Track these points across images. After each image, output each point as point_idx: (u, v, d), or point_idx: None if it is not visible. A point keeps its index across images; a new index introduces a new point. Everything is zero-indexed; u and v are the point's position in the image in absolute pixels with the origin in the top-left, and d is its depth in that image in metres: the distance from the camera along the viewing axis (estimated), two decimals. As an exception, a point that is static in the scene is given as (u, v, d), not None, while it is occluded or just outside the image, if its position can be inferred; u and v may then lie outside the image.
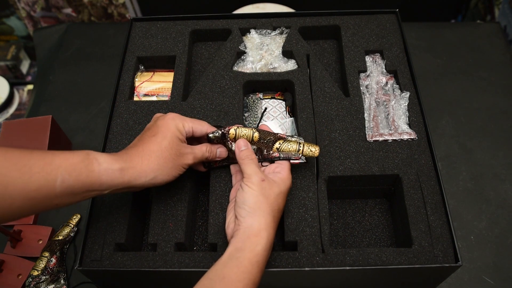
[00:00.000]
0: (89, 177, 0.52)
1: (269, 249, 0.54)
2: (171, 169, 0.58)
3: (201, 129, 0.62)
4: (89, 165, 0.52)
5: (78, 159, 0.52)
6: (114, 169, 0.53)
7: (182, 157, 0.59)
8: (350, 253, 0.61)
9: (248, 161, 0.59)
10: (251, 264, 0.51)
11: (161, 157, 0.57)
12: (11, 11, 1.60)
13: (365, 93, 0.77)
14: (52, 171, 0.49)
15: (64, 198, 0.51)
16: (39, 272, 0.71)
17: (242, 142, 0.61)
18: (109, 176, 0.53)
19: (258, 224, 0.53)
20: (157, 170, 0.56)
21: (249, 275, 0.50)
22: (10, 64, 1.68)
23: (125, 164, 0.54)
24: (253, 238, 0.52)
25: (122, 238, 0.63)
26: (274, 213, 0.56)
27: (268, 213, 0.54)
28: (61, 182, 0.50)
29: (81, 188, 0.52)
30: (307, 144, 0.63)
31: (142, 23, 0.87)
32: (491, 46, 1.02)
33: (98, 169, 0.52)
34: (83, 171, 0.51)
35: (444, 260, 0.60)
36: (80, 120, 0.94)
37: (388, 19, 0.85)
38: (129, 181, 0.55)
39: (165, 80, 0.83)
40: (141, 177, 0.55)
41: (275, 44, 0.83)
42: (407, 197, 0.65)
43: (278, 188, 0.57)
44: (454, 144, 0.87)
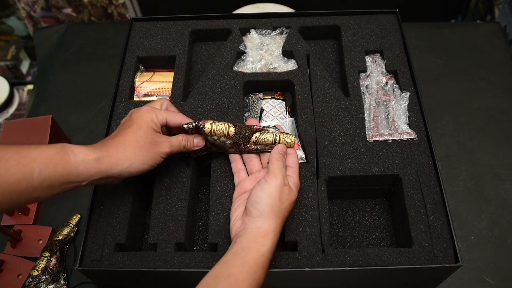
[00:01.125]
0: (66, 168, 0.52)
1: (273, 251, 0.54)
2: (147, 157, 0.58)
3: (175, 120, 0.63)
4: (64, 156, 0.53)
5: (53, 151, 0.52)
6: (90, 159, 0.54)
7: (158, 145, 0.59)
8: (350, 253, 0.61)
9: (280, 163, 0.59)
10: (256, 264, 0.51)
11: (136, 146, 0.57)
12: (11, 11, 1.60)
13: (365, 93, 0.77)
14: (28, 163, 0.50)
15: (43, 191, 0.52)
16: (39, 272, 0.71)
17: (281, 148, 0.62)
18: (85, 166, 0.54)
19: (268, 226, 0.53)
20: (133, 158, 0.57)
21: (253, 275, 0.50)
22: (10, 64, 1.68)
23: (100, 154, 0.55)
24: (260, 239, 0.53)
25: (122, 238, 0.63)
26: (284, 218, 0.56)
27: (279, 217, 0.55)
28: (38, 174, 0.50)
29: (59, 180, 0.52)
30: (283, 134, 0.64)
31: (142, 23, 0.87)
32: (491, 46, 1.02)
33: (74, 160, 0.53)
34: (59, 162, 0.52)
35: (444, 260, 0.60)
36: (80, 120, 0.94)
37: (388, 19, 0.85)
38: (106, 170, 0.55)
39: (165, 80, 0.83)
40: (117, 165, 0.56)
41: (275, 44, 0.83)
42: (407, 197, 0.65)
43: (294, 196, 0.58)
44: (454, 144, 0.87)
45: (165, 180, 0.68)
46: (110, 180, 0.58)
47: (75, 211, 0.80)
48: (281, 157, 0.60)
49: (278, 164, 0.58)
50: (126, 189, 0.67)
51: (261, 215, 0.54)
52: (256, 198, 0.55)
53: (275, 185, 0.56)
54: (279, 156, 0.60)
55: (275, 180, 0.56)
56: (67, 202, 0.82)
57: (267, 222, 0.54)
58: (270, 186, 0.55)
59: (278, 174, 0.57)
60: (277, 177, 0.56)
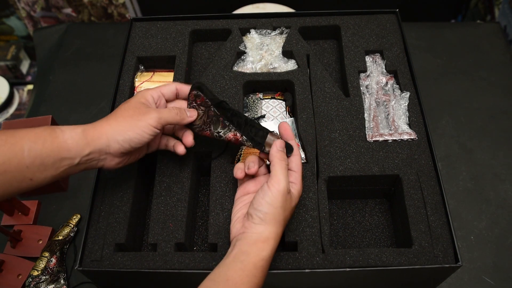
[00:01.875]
0: (54, 143, 0.52)
1: (273, 255, 0.54)
2: (134, 125, 0.56)
3: (170, 89, 0.63)
4: (52, 132, 0.53)
5: (40, 129, 0.53)
6: (77, 132, 0.54)
7: (146, 115, 0.57)
8: (350, 254, 0.61)
9: (283, 164, 0.56)
10: (256, 268, 0.51)
11: (121, 117, 0.57)
12: (11, 11, 1.60)
13: (365, 93, 0.77)
14: (16, 142, 0.50)
15: (36, 170, 0.51)
16: (39, 272, 0.71)
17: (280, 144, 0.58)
18: (73, 139, 0.53)
19: (269, 232, 0.53)
20: (117, 126, 0.56)
21: (253, 279, 0.50)
22: (10, 64, 1.68)
23: (86, 127, 0.55)
24: (260, 244, 0.52)
25: (122, 238, 0.63)
26: (285, 224, 0.56)
27: (280, 224, 0.54)
28: (28, 152, 0.50)
29: (50, 157, 0.52)
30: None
31: (142, 23, 0.87)
32: (491, 46, 1.02)
33: (62, 135, 0.53)
34: (47, 138, 0.52)
35: (444, 260, 0.60)
36: (80, 120, 0.94)
37: (388, 19, 0.85)
38: (93, 141, 0.55)
39: (165, 80, 0.83)
40: (102, 134, 0.55)
41: (275, 44, 0.83)
42: (407, 197, 0.65)
43: (295, 202, 0.57)
44: (454, 144, 0.87)
45: (165, 180, 0.68)
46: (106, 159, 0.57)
47: (75, 211, 0.80)
48: (282, 156, 0.56)
49: (281, 166, 0.55)
50: (126, 189, 0.67)
51: (262, 222, 0.53)
52: (258, 206, 0.54)
53: (277, 193, 0.53)
54: (280, 156, 0.56)
55: (278, 187, 0.54)
56: (67, 202, 0.83)
57: (269, 228, 0.53)
58: (272, 194, 0.53)
59: (281, 180, 0.54)
60: (280, 183, 0.54)
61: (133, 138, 0.56)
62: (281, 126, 0.61)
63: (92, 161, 0.56)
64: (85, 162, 0.55)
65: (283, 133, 0.60)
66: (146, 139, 0.58)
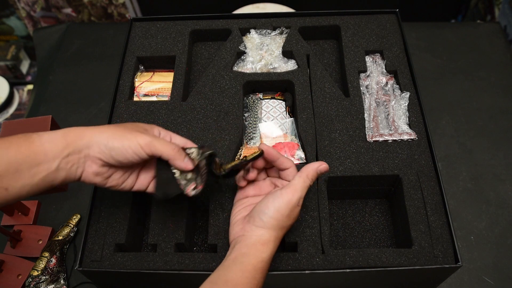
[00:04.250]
0: (31, 148, 0.49)
1: (272, 257, 0.54)
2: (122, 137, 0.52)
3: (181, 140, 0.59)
4: (27, 138, 0.50)
5: (14, 136, 0.50)
6: (57, 134, 0.51)
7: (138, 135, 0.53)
8: (350, 254, 0.61)
9: (307, 182, 0.55)
10: (255, 269, 0.51)
11: (113, 127, 0.54)
12: (11, 11, 1.60)
13: (365, 93, 0.77)
14: None
15: (11, 179, 0.48)
16: (39, 272, 0.71)
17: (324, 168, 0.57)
18: (52, 142, 0.50)
19: (269, 236, 0.53)
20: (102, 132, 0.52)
21: (252, 280, 0.50)
22: (10, 64, 1.68)
23: (68, 129, 0.52)
24: (260, 247, 0.52)
25: (122, 238, 0.63)
26: (287, 230, 0.56)
27: (282, 230, 0.54)
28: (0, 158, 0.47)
29: (25, 162, 0.48)
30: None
31: (142, 23, 0.87)
32: (491, 46, 1.02)
33: (38, 139, 0.50)
34: (22, 143, 0.49)
35: (444, 260, 0.60)
36: (80, 120, 0.94)
37: (388, 19, 0.85)
38: (73, 142, 0.51)
39: (165, 80, 0.83)
40: (84, 136, 0.51)
41: (275, 44, 0.83)
42: (407, 198, 0.65)
43: (298, 210, 0.56)
44: (454, 144, 0.87)
45: (165, 180, 0.68)
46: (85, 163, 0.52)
47: (75, 211, 0.80)
48: (314, 176, 0.56)
49: (304, 182, 0.55)
50: (126, 189, 0.67)
51: (264, 225, 0.53)
52: (264, 209, 0.53)
53: (288, 202, 0.53)
54: (312, 175, 0.56)
55: (291, 197, 0.53)
56: (67, 202, 0.83)
57: (269, 232, 0.53)
58: (283, 201, 0.53)
59: (297, 191, 0.54)
60: (295, 195, 0.53)
61: (116, 148, 0.52)
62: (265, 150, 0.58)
63: (71, 166, 0.51)
64: (64, 168, 0.51)
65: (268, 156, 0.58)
66: (130, 156, 0.52)
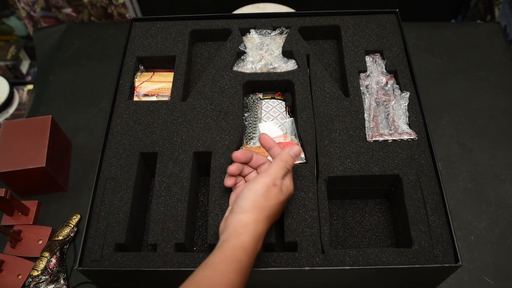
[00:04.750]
0: None
1: (257, 242, 0.53)
2: None
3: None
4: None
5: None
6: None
7: None
8: (350, 254, 0.61)
9: (281, 164, 0.58)
10: (236, 248, 0.50)
11: None
12: (11, 11, 1.60)
13: (365, 93, 0.77)
14: None
15: None
16: (39, 272, 0.71)
17: (296, 151, 0.60)
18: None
19: (248, 219, 0.53)
20: None
21: (232, 257, 0.50)
22: (10, 64, 1.68)
23: None
24: (240, 229, 0.53)
25: (122, 238, 0.63)
26: (270, 217, 0.56)
27: (261, 211, 0.54)
28: None
29: None
30: None
31: (142, 23, 0.87)
32: (491, 46, 1.02)
33: None
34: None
35: (444, 260, 0.60)
36: (80, 120, 0.94)
37: (388, 19, 0.85)
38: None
39: (165, 80, 0.83)
40: None
41: (275, 44, 0.83)
42: (407, 197, 0.65)
43: (283, 197, 0.57)
44: (454, 144, 0.87)
45: (165, 180, 0.68)
46: None
47: (75, 211, 0.80)
48: (288, 159, 0.59)
49: (278, 165, 0.58)
50: (126, 189, 0.67)
51: (241, 210, 0.54)
52: (241, 195, 0.55)
53: (262, 183, 0.55)
54: (286, 158, 0.58)
55: (265, 179, 0.56)
56: (67, 202, 0.82)
57: (247, 215, 0.53)
58: (257, 183, 0.55)
59: (270, 173, 0.56)
60: (268, 176, 0.56)
61: None
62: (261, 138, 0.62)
63: None
64: None
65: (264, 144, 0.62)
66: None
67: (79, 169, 0.86)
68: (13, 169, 0.74)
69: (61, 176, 0.82)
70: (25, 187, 0.80)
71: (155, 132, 0.73)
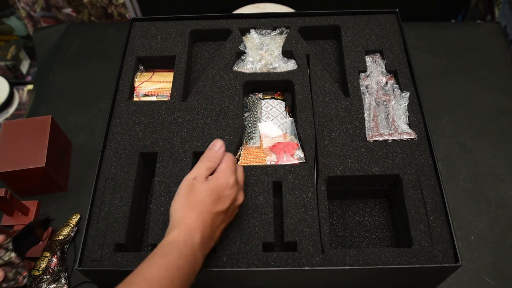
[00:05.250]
0: None
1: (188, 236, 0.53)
2: None
3: None
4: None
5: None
6: None
7: None
8: (350, 254, 0.61)
9: (203, 159, 0.60)
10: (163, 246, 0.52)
11: None
12: (11, 11, 1.60)
13: (365, 93, 0.77)
14: None
15: None
16: (40, 272, 0.71)
17: (215, 143, 0.62)
18: None
19: (172, 223, 0.55)
20: None
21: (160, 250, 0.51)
22: (10, 64, 1.68)
23: None
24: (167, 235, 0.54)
25: (122, 238, 0.63)
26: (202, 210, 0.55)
27: (183, 208, 0.55)
28: None
29: None
30: None
31: (142, 23, 0.87)
32: (491, 46, 1.02)
33: None
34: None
35: (444, 260, 0.60)
36: (80, 120, 0.94)
37: (388, 19, 0.85)
38: None
39: (165, 80, 0.83)
40: None
41: (275, 44, 0.83)
42: (407, 197, 0.65)
43: (207, 185, 0.57)
44: (454, 144, 0.87)
45: (165, 180, 0.68)
46: None
47: (75, 211, 0.80)
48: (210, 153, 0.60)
49: (201, 161, 0.60)
50: (126, 189, 0.67)
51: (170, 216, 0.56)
52: None
53: (183, 183, 0.58)
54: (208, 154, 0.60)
55: (186, 177, 0.58)
56: (67, 202, 0.82)
57: (172, 218, 0.55)
58: (179, 187, 0.57)
59: (192, 171, 0.58)
60: (189, 174, 0.58)
61: None
62: None
63: None
64: None
65: None
66: None
67: (79, 169, 0.86)
68: (13, 169, 0.74)
69: (61, 176, 0.82)
70: (25, 187, 0.81)
71: (155, 132, 0.73)
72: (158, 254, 0.51)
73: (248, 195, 0.66)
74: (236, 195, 0.59)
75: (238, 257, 0.61)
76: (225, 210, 0.57)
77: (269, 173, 0.67)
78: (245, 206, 0.65)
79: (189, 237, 0.53)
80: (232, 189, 0.58)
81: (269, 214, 0.64)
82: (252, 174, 0.67)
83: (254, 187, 0.66)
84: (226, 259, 0.60)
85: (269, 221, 0.63)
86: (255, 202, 0.65)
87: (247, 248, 0.61)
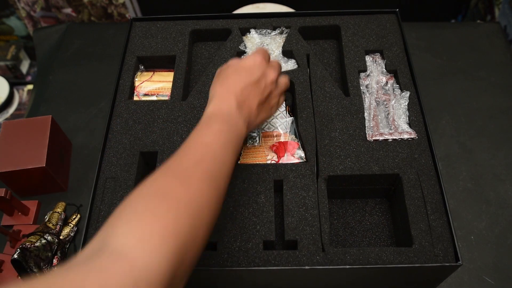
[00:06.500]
0: None
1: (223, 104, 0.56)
2: None
3: None
4: None
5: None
6: None
7: None
8: (350, 253, 0.61)
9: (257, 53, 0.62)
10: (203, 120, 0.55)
11: None
12: (11, 11, 1.60)
13: (365, 93, 0.77)
14: None
15: None
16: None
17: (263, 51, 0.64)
18: None
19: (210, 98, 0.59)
20: None
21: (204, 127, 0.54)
22: (10, 64, 1.68)
23: None
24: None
25: (122, 237, 0.63)
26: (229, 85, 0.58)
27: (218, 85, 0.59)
28: None
29: None
30: None
31: (142, 23, 0.87)
32: (491, 46, 1.02)
33: None
34: None
35: (444, 259, 0.60)
36: (80, 120, 0.94)
37: (388, 19, 0.85)
38: None
39: (165, 80, 0.83)
40: None
41: (275, 44, 0.83)
42: (407, 197, 0.65)
43: (235, 65, 0.61)
44: (454, 144, 0.87)
45: (165, 180, 0.68)
46: None
47: (75, 211, 0.80)
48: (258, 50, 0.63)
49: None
50: (126, 189, 0.67)
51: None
52: None
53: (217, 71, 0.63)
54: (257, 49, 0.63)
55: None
56: (67, 202, 0.82)
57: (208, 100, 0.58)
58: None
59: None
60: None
61: None
62: None
63: None
64: None
65: None
66: None
67: (79, 169, 0.86)
68: (13, 169, 0.74)
69: (61, 176, 0.82)
70: (25, 187, 0.80)
71: (155, 132, 0.73)
72: (200, 126, 0.53)
73: (250, 193, 0.66)
74: (265, 70, 0.61)
75: (239, 255, 0.61)
76: (254, 81, 0.59)
77: (271, 171, 0.67)
78: (246, 204, 0.65)
79: (225, 104, 0.56)
80: (260, 65, 0.61)
81: (270, 213, 0.64)
82: (253, 172, 0.67)
83: (256, 185, 0.66)
84: (226, 256, 0.61)
85: (270, 220, 0.63)
86: (257, 200, 0.65)
87: (248, 246, 0.61)
